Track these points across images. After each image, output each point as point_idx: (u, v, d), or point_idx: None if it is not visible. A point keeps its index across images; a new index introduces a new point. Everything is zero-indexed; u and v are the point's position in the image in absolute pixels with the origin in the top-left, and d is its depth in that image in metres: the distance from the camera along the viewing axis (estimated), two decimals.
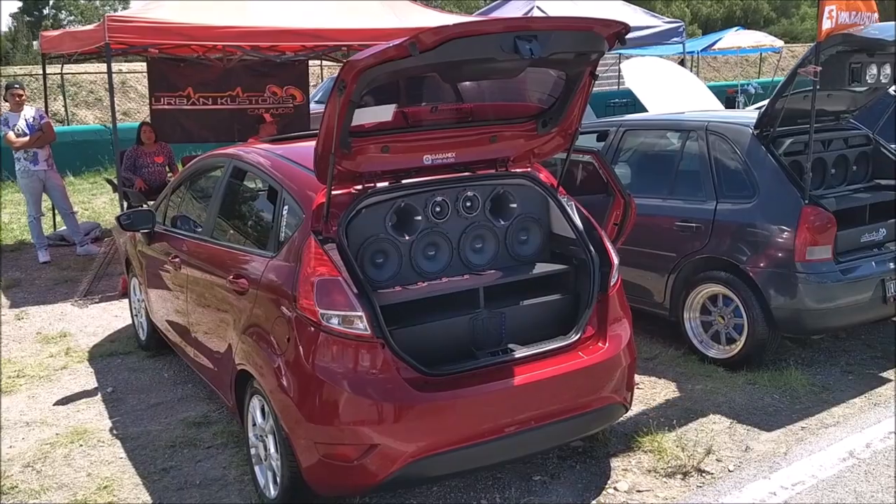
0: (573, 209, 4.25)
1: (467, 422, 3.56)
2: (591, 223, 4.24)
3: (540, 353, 3.82)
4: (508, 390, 3.65)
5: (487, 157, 4.15)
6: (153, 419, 5.05)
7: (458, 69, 3.46)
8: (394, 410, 3.45)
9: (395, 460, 3.45)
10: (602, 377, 3.91)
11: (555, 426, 3.77)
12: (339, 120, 3.37)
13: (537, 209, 4.33)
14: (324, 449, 3.49)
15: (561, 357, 3.85)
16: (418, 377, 3.53)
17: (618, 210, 4.75)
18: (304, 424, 3.51)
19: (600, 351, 3.92)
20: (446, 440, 3.52)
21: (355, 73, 3.20)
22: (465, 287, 3.99)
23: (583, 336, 3.94)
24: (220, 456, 4.50)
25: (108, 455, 4.61)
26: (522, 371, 3.73)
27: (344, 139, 3.52)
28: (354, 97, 3.33)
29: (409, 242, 3.99)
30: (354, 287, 3.51)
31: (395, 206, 3.93)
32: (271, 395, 3.70)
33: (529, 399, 3.69)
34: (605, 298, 4.03)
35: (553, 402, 3.75)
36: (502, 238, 4.25)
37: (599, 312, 4.02)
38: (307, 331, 3.51)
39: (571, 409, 3.81)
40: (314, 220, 3.69)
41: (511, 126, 4.04)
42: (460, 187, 4.06)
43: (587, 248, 4.07)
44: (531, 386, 3.69)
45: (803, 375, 5.26)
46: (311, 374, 3.48)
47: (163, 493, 4.15)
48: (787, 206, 5.16)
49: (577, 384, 3.83)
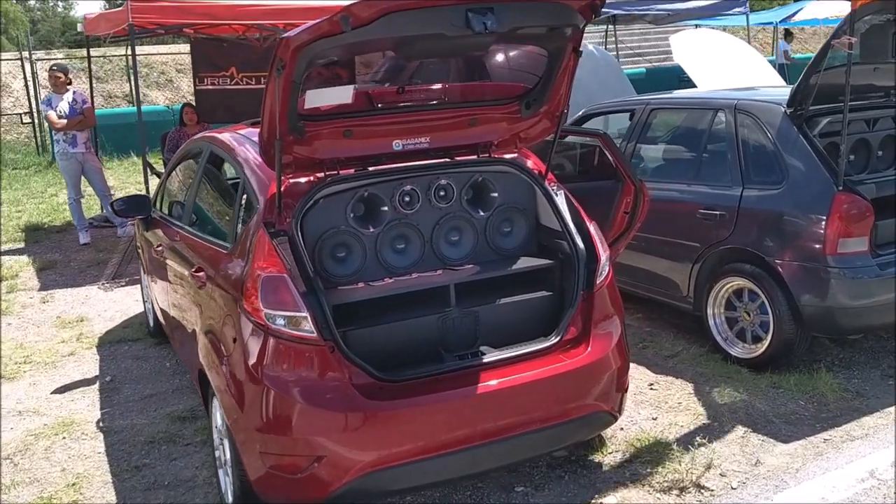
0: (562, 198, 3.88)
1: (427, 431, 3.27)
2: (580, 214, 3.87)
3: (514, 356, 3.49)
4: (475, 397, 3.34)
5: (467, 142, 3.80)
6: (142, 412, 4.92)
7: (410, 46, 3.15)
8: (342, 419, 3.18)
9: (345, 472, 3.19)
10: (585, 383, 3.56)
11: (529, 437, 3.44)
12: (283, 103, 3.11)
13: (522, 199, 3.96)
14: (271, 459, 3.25)
15: (539, 361, 3.51)
16: (372, 383, 3.25)
17: (628, 197, 4.34)
18: (251, 432, 3.28)
19: (583, 354, 3.56)
20: (404, 451, 3.23)
21: (292, 51, 2.92)
22: (434, 284, 3.67)
23: (564, 338, 3.59)
24: (195, 455, 4.32)
25: (88, 449, 4.49)
26: (493, 376, 3.40)
27: (293, 123, 3.26)
28: (296, 77, 3.05)
29: (374, 235, 3.71)
30: (303, 285, 3.25)
31: (357, 195, 3.65)
32: (220, 399, 3.49)
33: (500, 407, 3.37)
34: (591, 297, 3.66)
35: (527, 411, 3.42)
36: (482, 230, 3.91)
37: (585, 312, 3.66)
38: (252, 332, 3.27)
39: (548, 417, 3.47)
40: (267, 212, 3.44)
41: (492, 108, 3.71)
42: (432, 175, 3.72)
43: (573, 241, 3.71)
44: (502, 392, 3.37)
45: (835, 379, 4.77)
46: (256, 379, 3.24)
47: (129, 494, 4.00)
48: (819, 192, 4.66)
49: (555, 390, 3.49)
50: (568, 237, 3.72)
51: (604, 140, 4.45)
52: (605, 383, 3.61)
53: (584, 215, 3.87)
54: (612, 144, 4.41)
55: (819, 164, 4.72)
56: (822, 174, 4.68)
